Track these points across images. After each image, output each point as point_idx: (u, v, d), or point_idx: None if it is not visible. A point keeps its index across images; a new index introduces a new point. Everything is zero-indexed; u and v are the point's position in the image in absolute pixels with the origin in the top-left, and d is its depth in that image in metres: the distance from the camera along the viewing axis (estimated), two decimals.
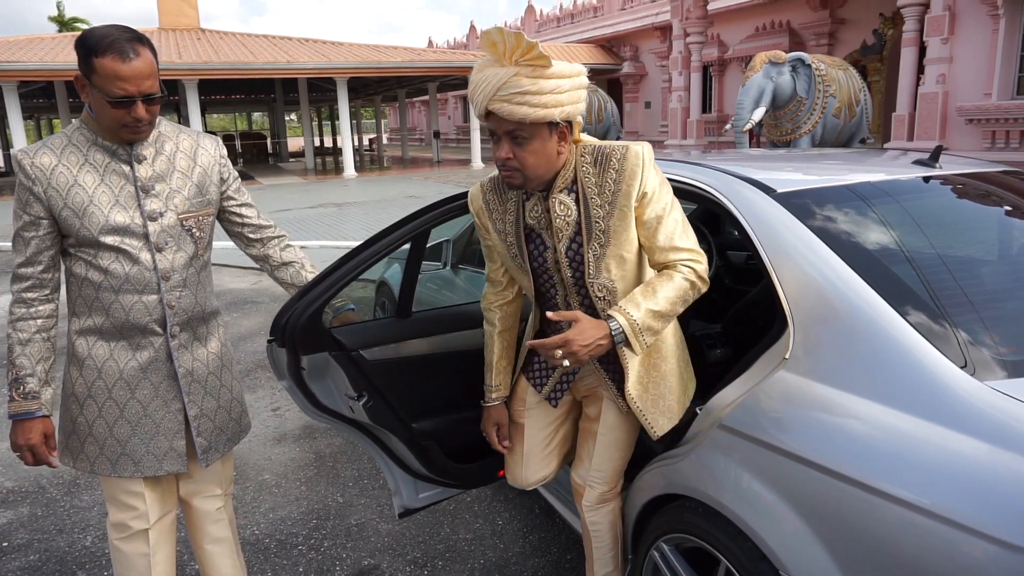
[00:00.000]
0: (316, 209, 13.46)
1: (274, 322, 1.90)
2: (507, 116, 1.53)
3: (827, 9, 16.65)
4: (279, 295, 6.87)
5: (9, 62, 16.06)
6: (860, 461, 1.32)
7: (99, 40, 1.61)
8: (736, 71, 19.18)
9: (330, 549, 2.74)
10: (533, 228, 1.72)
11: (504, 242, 1.76)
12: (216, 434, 1.95)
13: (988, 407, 1.25)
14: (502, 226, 1.75)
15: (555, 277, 1.74)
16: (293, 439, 3.74)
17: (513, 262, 1.78)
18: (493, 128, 1.58)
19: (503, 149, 1.58)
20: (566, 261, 1.69)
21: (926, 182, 2.03)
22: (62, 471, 3.39)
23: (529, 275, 1.76)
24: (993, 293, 1.78)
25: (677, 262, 1.61)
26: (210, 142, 1.92)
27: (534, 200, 1.70)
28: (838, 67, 9.35)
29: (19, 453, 1.81)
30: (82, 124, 1.76)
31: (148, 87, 1.65)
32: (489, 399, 1.96)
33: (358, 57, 19.71)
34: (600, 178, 1.63)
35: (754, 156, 2.51)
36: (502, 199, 1.76)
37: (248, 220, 2.03)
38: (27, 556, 2.75)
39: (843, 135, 9.42)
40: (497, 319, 1.92)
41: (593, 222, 1.64)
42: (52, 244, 1.76)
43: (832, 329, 1.48)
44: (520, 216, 1.72)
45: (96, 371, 1.81)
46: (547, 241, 1.72)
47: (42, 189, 1.70)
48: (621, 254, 1.65)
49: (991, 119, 10.68)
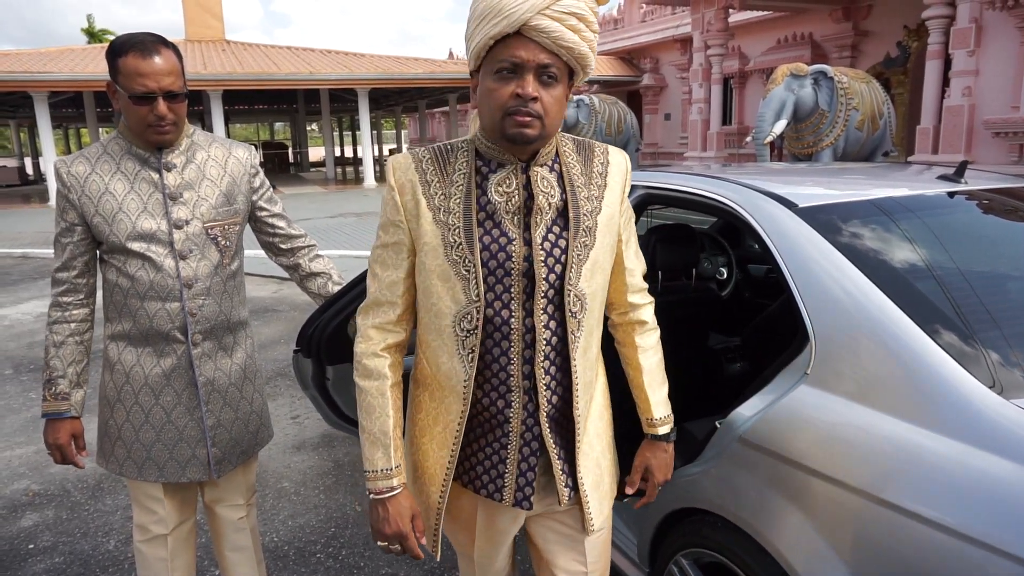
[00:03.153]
0: (336, 219, 13.58)
1: (300, 332, 1.93)
2: (553, 39, 1.19)
3: (850, 21, 16.55)
4: (299, 303, 6.93)
5: (40, 72, 16.45)
6: (882, 478, 1.31)
7: (124, 42, 1.69)
8: (757, 83, 19.10)
9: (348, 558, 2.75)
10: (491, 211, 1.30)
11: (441, 229, 1.29)
12: (231, 446, 1.96)
13: (1015, 425, 1.24)
14: (442, 205, 1.29)
15: (512, 281, 1.30)
16: (312, 447, 3.77)
17: (447, 259, 1.29)
18: (517, 57, 1.19)
19: (528, 85, 1.20)
20: (541, 256, 1.29)
21: (951, 197, 2.01)
22: (87, 474, 3.44)
23: (474, 278, 1.28)
24: (1019, 310, 1.76)
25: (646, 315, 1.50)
26: (243, 151, 1.95)
27: (505, 172, 1.29)
28: (861, 80, 9.29)
29: (49, 451, 1.86)
30: (118, 134, 1.81)
31: (169, 84, 1.69)
32: (389, 488, 1.35)
33: (379, 68, 19.93)
34: (586, 167, 1.36)
35: (775, 170, 2.51)
36: (445, 170, 1.31)
37: (279, 230, 2.06)
38: (52, 558, 2.80)
39: (866, 148, 9.34)
40: (388, 367, 1.36)
41: (581, 214, 1.32)
42: (87, 250, 1.81)
43: (854, 344, 1.47)
44: (472, 193, 1.30)
45: (125, 376, 1.85)
46: (509, 230, 1.30)
47: (76, 196, 1.75)
48: (602, 263, 1.36)
49: (1019, 132, 10.52)
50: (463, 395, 1.34)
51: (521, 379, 1.33)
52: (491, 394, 1.35)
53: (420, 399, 1.43)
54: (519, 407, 1.35)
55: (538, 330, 1.31)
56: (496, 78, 1.22)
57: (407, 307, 1.37)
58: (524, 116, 1.22)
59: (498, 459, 1.38)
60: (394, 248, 1.34)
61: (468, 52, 1.27)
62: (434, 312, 1.33)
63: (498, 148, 1.29)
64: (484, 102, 1.25)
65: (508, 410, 1.35)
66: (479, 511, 1.45)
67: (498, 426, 1.36)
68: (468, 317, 1.30)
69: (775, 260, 1.67)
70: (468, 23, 1.25)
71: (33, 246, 11.11)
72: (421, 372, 1.42)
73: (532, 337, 1.32)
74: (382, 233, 1.35)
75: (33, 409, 4.40)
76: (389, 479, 1.36)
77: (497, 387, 1.34)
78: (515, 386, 1.34)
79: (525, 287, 1.31)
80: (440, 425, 1.38)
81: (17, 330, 6.44)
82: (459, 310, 1.30)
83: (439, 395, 1.38)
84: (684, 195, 2.09)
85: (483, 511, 1.45)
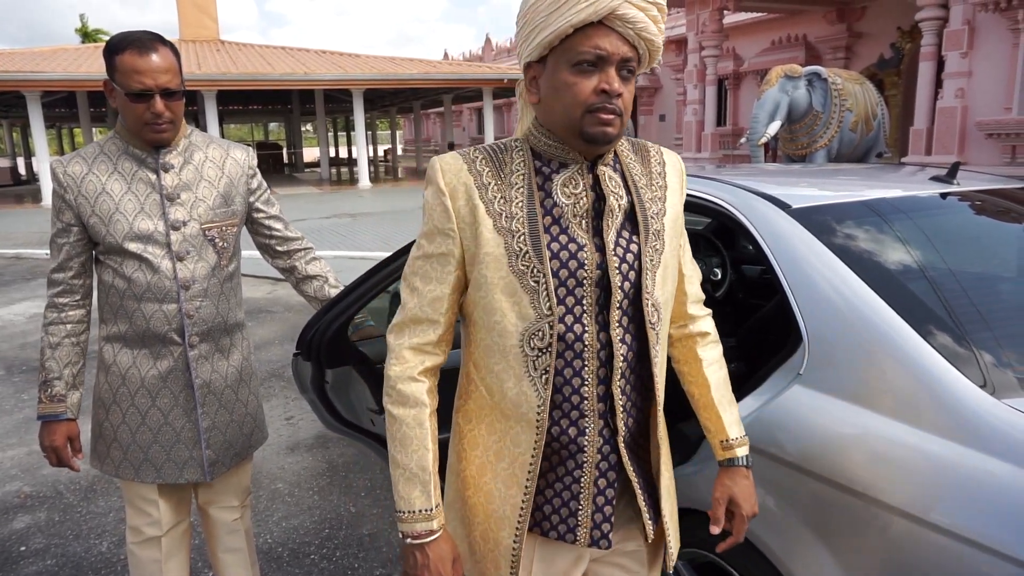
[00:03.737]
0: (331, 219, 13.55)
1: (300, 336, 1.92)
2: (638, 30, 1.09)
3: (844, 23, 16.61)
4: (294, 304, 6.92)
5: (33, 72, 16.37)
6: (876, 478, 1.32)
7: (121, 40, 1.68)
8: (751, 85, 19.15)
9: (342, 559, 2.75)
10: (558, 215, 1.18)
11: (504, 237, 1.15)
12: (225, 448, 1.95)
13: (1006, 425, 1.24)
14: (503, 210, 1.16)
15: (585, 292, 1.17)
16: (306, 448, 3.76)
17: (512, 270, 1.15)
18: (601, 49, 1.08)
19: (614, 80, 1.10)
20: (615, 262, 1.17)
21: (943, 198, 2.02)
22: (79, 476, 3.42)
23: (545, 289, 1.15)
24: (1011, 310, 1.77)
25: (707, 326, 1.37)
26: (241, 152, 1.94)
27: (570, 172, 1.18)
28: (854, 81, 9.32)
29: (44, 454, 1.85)
30: (115, 134, 1.80)
31: (166, 82, 1.68)
32: (428, 531, 1.19)
33: (374, 69, 19.91)
34: (644, 167, 1.26)
35: (769, 171, 2.51)
36: (502, 172, 1.19)
37: (276, 232, 2.05)
38: (44, 561, 2.78)
39: (859, 149, 9.37)
40: (427, 393, 1.21)
41: (648, 216, 1.22)
42: (83, 251, 1.80)
43: (847, 344, 1.48)
44: (535, 195, 1.18)
45: (120, 377, 1.84)
46: (578, 235, 1.17)
47: (72, 196, 1.74)
48: (671, 269, 1.26)
49: (1011, 134, 10.58)
50: (536, 423, 1.18)
51: (595, 401, 1.19)
52: (562, 421, 1.19)
53: (474, 434, 1.25)
54: (594, 433, 1.20)
55: (615, 345, 1.17)
56: (575, 71, 1.10)
57: (449, 326, 1.22)
58: (608, 114, 1.11)
59: (570, 495, 1.21)
60: (440, 260, 1.18)
61: (528, 39, 1.13)
62: (497, 331, 1.17)
63: (562, 146, 1.17)
64: (557, 97, 1.12)
65: (582, 438, 1.20)
66: (536, 554, 1.25)
67: (570, 457, 1.21)
68: (539, 334, 1.15)
69: (768, 261, 1.68)
70: (531, 8, 1.12)
71: (26, 246, 11.05)
72: (475, 403, 1.25)
73: (607, 354, 1.18)
74: (425, 243, 1.19)
75: (25, 410, 4.38)
76: (429, 521, 1.18)
77: (568, 412, 1.19)
78: (589, 410, 1.19)
79: (598, 298, 1.17)
80: (506, 460, 1.21)
81: (10, 331, 6.41)
82: (527, 327, 1.15)
83: (502, 426, 1.22)
84: None
85: (541, 553, 1.25)
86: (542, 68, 1.15)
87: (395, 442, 1.21)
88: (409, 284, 1.22)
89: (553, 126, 1.17)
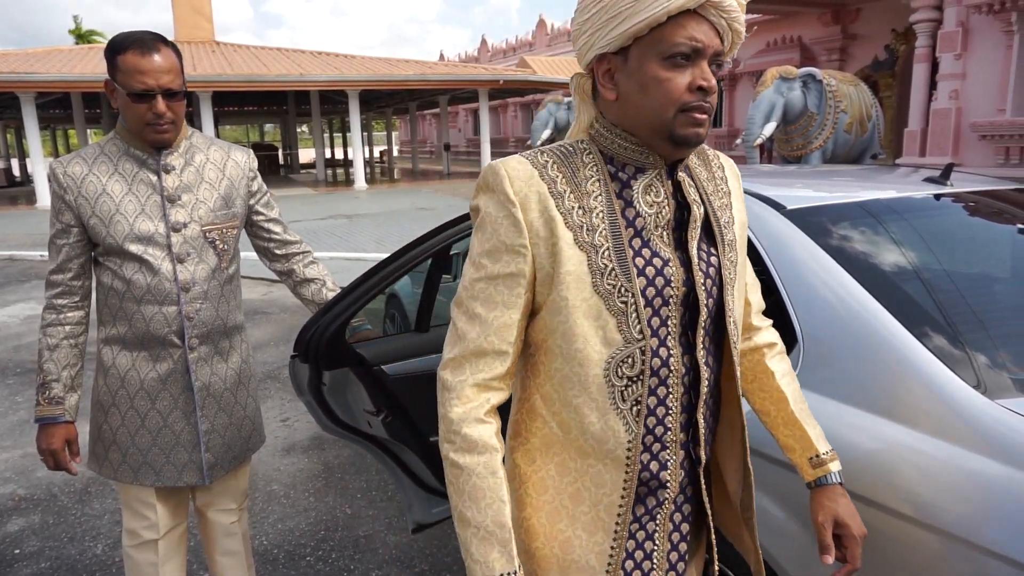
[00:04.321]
0: (327, 221, 13.54)
1: (298, 338, 1.91)
2: (730, 20, 0.99)
3: (838, 25, 16.66)
4: (289, 305, 6.91)
5: (27, 73, 16.32)
6: (869, 478, 1.32)
7: (123, 39, 1.68)
8: (747, 86, 19.19)
9: (338, 561, 2.74)
10: (640, 227, 1.05)
11: (586, 253, 1.02)
12: (224, 451, 1.94)
13: (999, 425, 1.25)
14: (583, 222, 1.03)
15: (671, 311, 1.05)
16: (302, 450, 3.76)
17: (595, 290, 1.02)
18: (697, 41, 0.97)
19: (710, 75, 0.99)
20: (700, 278, 1.06)
21: (937, 199, 2.03)
22: (74, 478, 3.41)
23: (634, 310, 1.02)
24: (1004, 311, 1.77)
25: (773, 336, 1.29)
26: (241, 154, 1.94)
27: (649, 178, 1.06)
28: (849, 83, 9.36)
29: (42, 457, 1.84)
30: (115, 135, 1.79)
31: (168, 82, 1.68)
32: None
33: (370, 70, 19.90)
34: (708, 172, 1.15)
35: (765, 172, 2.52)
36: (577, 177, 1.04)
37: (275, 236, 2.04)
38: (38, 564, 2.77)
39: (854, 151, 9.40)
40: (495, 435, 1.05)
41: (722, 225, 1.11)
42: (82, 252, 1.79)
43: (841, 345, 1.48)
44: (615, 204, 1.04)
45: (119, 380, 1.83)
46: (661, 249, 1.05)
47: (72, 197, 1.73)
48: (743, 282, 1.17)
49: (1004, 135, 10.63)
50: (625, 461, 1.05)
51: (678, 431, 1.08)
52: (643, 456, 1.06)
53: (540, 475, 1.10)
54: (676, 466, 1.09)
55: (700, 369, 1.07)
56: (668, 65, 0.97)
57: (516, 357, 1.07)
58: (703, 113, 0.99)
59: (645, 535, 1.10)
60: (508, 281, 1.02)
61: (606, 28, 1.00)
62: (578, 360, 1.04)
63: (641, 149, 1.04)
64: (646, 93, 0.99)
65: (664, 472, 1.08)
66: None
67: (650, 494, 1.09)
68: (629, 361, 1.03)
69: (763, 261, 1.68)
70: None
71: (20, 248, 11.01)
72: (542, 441, 1.10)
73: (690, 379, 1.07)
74: (488, 262, 1.03)
75: (20, 413, 4.37)
76: None
77: (650, 445, 1.07)
78: (671, 441, 1.08)
79: (682, 317, 1.06)
80: (586, 503, 1.08)
81: (3, 333, 6.38)
82: (613, 353, 1.03)
83: (577, 465, 1.08)
84: None
85: None
86: (621, 61, 1.01)
87: (463, 496, 1.03)
88: (468, 311, 1.05)
89: (634, 126, 1.03)
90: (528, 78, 21.40)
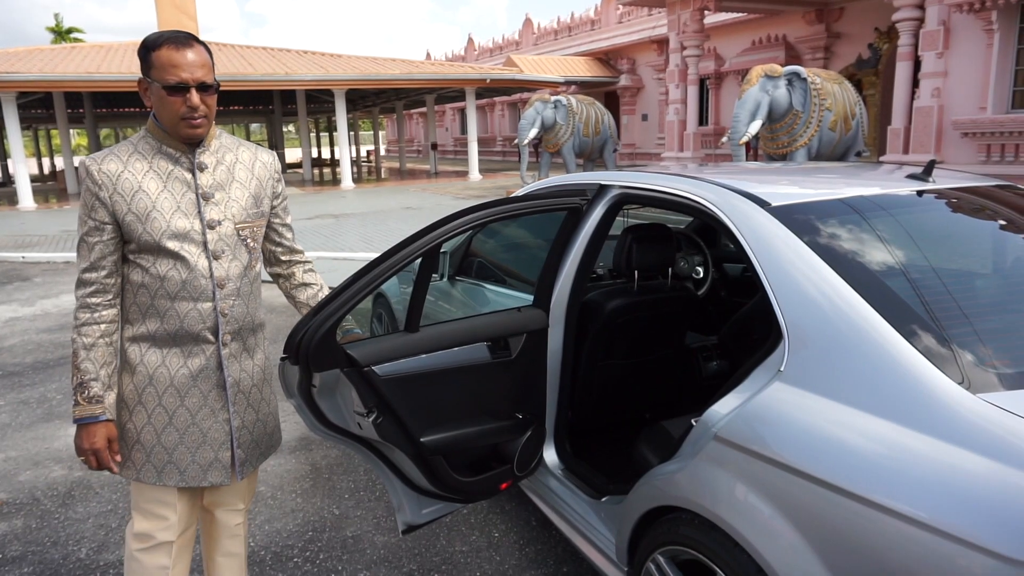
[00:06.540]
0: (314, 220, 13.47)
1: (288, 340, 1.90)
2: None
3: (823, 23, 16.79)
4: (277, 305, 6.86)
5: (8, 73, 16.10)
6: (855, 473, 1.33)
7: (157, 37, 1.72)
8: (732, 84, 19.30)
9: (326, 562, 2.73)
10: None
11: None
12: (253, 447, 1.96)
13: (983, 420, 1.26)
14: None
15: None
16: (289, 451, 3.73)
17: None
18: None
19: None
20: None
21: (920, 196, 2.05)
22: (57, 482, 3.37)
23: None
24: (987, 306, 1.79)
25: None
26: (268, 156, 1.97)
27: None
28: (834, 81, 9.43)
29: (83, 457, 1.81)
30: (147, 133, 1.80)
31: (202, 76, 1.71)
32: None
33: (356, 69, 19.80)
34: None
35: (750, 169, 2.53)
36: None
37: (285, 241, 2.07)
38: (21, 568, 2.74)
39: (839, 148, 9.48)
40: None
41: None
42: (115, 249, 1.79)
43: (827, 341, 1.49)
44: None
45: (147, 377, 1.83)
46: None
47: (108, 194, 1.73)
48: None
49: (986, 133, 10.74)
50: None
51: None
52: None
53: None
54: None
55: None
56: None
57: None
58: None
59: None
60: None
61: None
62: None
63: None
64: None
65: None
66: None
67: None
68: None
69: (749, 258, 1.69)
70: None
71: (2, 249, 10.87)
72: None
73: None
74: None
75: (1, 416, 4.31)
76: None
77: None
78: None
79: None
80: None
81: None
82: None
83: None
84: (660, 195, 2.10)
85: None
86: None
87: None
88: None
89: None
90: (515, 77, 21.38)
